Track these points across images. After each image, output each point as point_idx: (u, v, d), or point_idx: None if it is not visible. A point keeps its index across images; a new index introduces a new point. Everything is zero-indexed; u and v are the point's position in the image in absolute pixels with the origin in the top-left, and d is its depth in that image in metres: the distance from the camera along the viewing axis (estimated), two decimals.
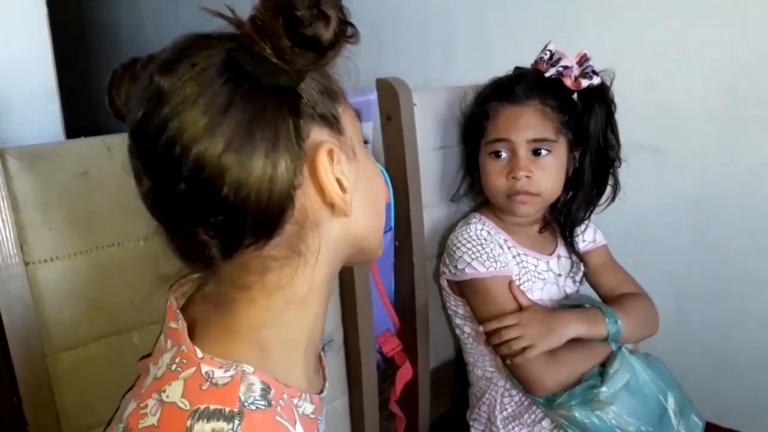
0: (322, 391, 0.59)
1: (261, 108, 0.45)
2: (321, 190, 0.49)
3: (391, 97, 1.03)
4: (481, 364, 1.08)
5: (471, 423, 1.10)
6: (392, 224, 1.07)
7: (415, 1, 1.73)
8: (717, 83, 1.26)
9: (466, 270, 1.01)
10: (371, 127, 1.14)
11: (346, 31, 0.47)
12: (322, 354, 0.64)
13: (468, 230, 1.05)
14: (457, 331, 1.11)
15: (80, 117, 1.36)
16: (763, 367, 1.31)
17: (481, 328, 1.01)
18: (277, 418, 0.47)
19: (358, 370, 0.98)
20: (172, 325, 0.52)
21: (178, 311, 0.53)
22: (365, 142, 0.58)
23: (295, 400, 0.51)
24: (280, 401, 0.49)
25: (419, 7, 1.72)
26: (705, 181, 1.31)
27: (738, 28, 1.22)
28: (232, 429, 0.44)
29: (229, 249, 0.48)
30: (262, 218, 0.47)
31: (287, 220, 0.48)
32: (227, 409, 0.45)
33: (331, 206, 0.50)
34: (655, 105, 1.32)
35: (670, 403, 0.99)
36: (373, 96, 1.06)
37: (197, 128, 0.44)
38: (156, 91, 0.45)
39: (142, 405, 0.47)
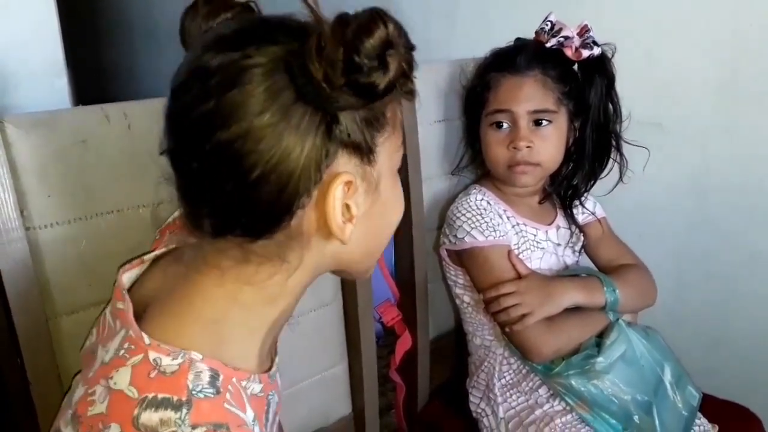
0: (270, 368, 0.57)
1: (294, 123, 0.44)
2: (323, 216, 0.48)
3: None
4: (480, 333, 1.09)
5: (470, 391, 1.11)
6: None
7: None
8: (717, 59, 1.24)
9: (466, 239, 1.02)
10: None
11: (403, 85, 0.46)
12: None
13: (468, 200, 1.05)
14: (457, 301, 1.12)
15: (92, 91, 1.37)
16: (760, 342, 1.31)
17: (480, 296, 1.02)
18: (226, 405, 0.47)
19: (357, 337, 1.00)
20: (119, 305, 0.51)
21: (124, 291, 0.52)
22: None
23: (244, 383, 0.51)
24: (229, 387, 0.48)
25: None
26: (705, 157, 1.29)
27: (739, 3, 1.19)
28: (180, 418, 0.43)
29: (219, 229, 0.48)
30: (258, 213, 0.46)
31: (279, 228, 0.47)
32: (175, 398, 0.44)
33: (329, 233, 0.49)
34: (655, 81, 1.30)
35: (667, 375, 1.00)
36: None
37: (231, 112, 0.44)
38: (203, 66, 0.45)
39: (90, 391, 0.47)
